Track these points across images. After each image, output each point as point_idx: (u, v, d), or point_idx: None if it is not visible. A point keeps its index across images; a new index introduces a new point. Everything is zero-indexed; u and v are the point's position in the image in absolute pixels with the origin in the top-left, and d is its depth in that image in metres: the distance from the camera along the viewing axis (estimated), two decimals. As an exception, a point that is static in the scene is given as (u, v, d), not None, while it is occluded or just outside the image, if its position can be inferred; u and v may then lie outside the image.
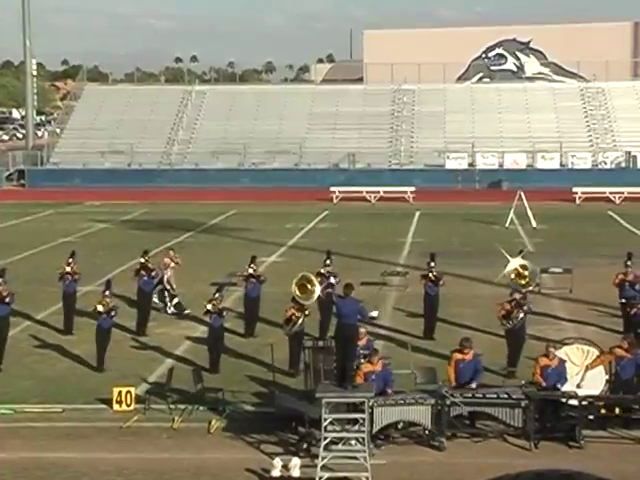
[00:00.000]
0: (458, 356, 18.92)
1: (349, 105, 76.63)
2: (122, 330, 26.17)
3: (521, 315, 22.72)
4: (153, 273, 27.74)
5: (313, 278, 20.90)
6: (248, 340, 25.57)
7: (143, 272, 27.42)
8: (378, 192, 59.98)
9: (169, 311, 28.56)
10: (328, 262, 27.51)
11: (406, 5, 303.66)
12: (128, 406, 19.96)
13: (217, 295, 23.56)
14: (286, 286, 29.32)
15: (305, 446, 17.81)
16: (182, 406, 19.78)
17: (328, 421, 17.25)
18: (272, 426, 18.67)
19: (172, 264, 29.47)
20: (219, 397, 20.23)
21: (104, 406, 20.23)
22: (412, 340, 24.74)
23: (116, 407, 20.00)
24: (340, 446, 17.34)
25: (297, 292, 20.75)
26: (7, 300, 23.57)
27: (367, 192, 60.00)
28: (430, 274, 26.11)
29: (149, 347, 25.21)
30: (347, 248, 38.81)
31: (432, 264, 26.44)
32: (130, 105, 78.07)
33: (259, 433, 18.50)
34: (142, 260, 27.91)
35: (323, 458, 17.01)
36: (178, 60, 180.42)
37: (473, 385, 18.62)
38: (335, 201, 59.24)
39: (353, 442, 17.36)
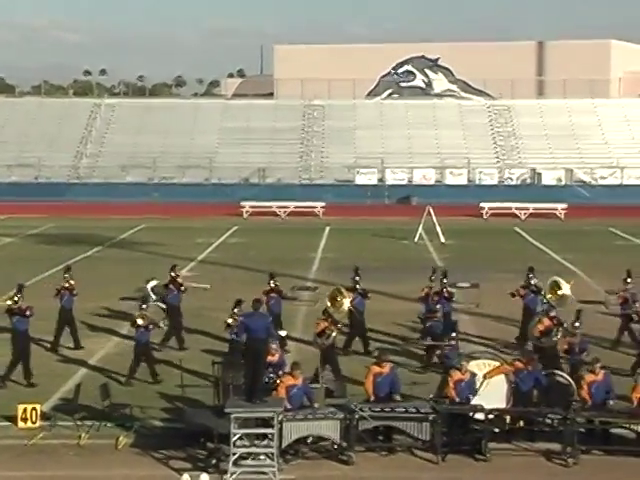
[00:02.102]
0: (376, 369, 19.00)
1: (259, 120, 76.80)
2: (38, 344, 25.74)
3: (560, 334, 22.68)
4: (182, 287, 27.33)
5: (344, 292, 21.04)
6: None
7: (172, 286, 27.00)
8: (288, 207, 60.15)
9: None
10: (357, 278, 26.94)
11: (317, 21, 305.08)
12: (33, 423, 19.65)
13: (236, 310, 23.12)
14: (196, 301, 29.39)
15: (214, 462, 17.73)
16: (89, 422, 19.54)
17: (237, 436, 17.25)
18: (181, 442, 18.57)
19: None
20: (127, 413, 20.05)
21: (8, 423, 19.89)
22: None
23: (21, 424, 19.67)
24: (249, 461, 17.33)
25: (329, 304, 20.95)
26: (27, 313, 23.47)
27: (277, 207, 60.12)
28: (444, 290, 26.01)
29: (57, 362, 24.86)
30: (257, 263, 38.84)
31: (445, 281, 26.43)
32: (38, 118, 77.16)
33: (167, 449, 18.37)
34: (172, 274, 27.57)
35: (232, 474, 17.02)
36: (87, 73, 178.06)
37: (398, 397, 18.77)
38: (245, 216, 59.23)
39: (262, 457, 17.36)
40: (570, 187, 67.67)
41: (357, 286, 26.34)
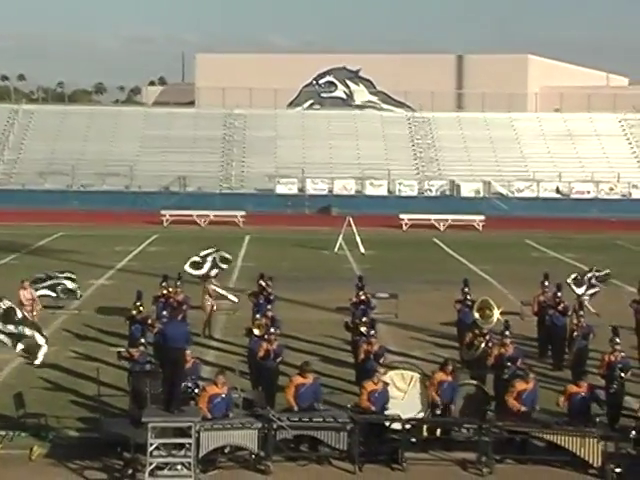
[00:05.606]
0: (299, 380, 18.95)
1: (180, 128, 76.54)
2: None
3: None
4: (271, 297, 27.06)
5: (492, 303, 20.86)
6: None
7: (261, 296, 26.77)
8: (208, 216, 60.01)
9: None
10: (363, 290, 26.96)
11: (238, 31, 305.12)
12: (-55, 434, 19.29)
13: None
14: (113, 310, 29.06)
15: (130, 472, 17.57)
16: (2, 432, 19.22)
17: (154, 446, 17.12)
18: (97, 452, 18.36)
19: None
20: (42, 423, 19.77)
21: None
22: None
23: None
24: (166, 471, 17.20)
25: (477, 316, 20.75)
26: (149, 322, 23.58)
27: (197, 216, 59.93)
28: (467, 299, 25.89)
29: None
30: (176, 272, 38.58)
31: (466, 289, 26.43)
32: (-47, 123, 75.86)
33: (83, 459, 18.15)
34: (261, 283, 27.41)
35: (148, 483, 16.88)
36: (5, 78, 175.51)
37: (320, 407, 18.79)
38: (165, 224, 58.90)
39: (179, 467, 17.24)
40: (488, 199, 68.55)
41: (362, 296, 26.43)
